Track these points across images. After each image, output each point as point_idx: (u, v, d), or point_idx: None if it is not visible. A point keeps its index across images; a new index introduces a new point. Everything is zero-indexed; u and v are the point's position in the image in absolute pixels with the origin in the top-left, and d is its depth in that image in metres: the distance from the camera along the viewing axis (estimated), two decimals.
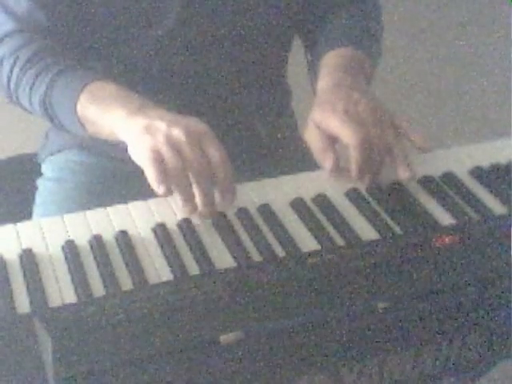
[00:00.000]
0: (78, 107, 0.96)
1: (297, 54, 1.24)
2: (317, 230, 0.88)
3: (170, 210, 0.90)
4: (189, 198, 0.87)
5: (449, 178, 0.98)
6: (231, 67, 1.13)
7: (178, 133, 0.87)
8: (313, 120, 0.97)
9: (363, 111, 0.94)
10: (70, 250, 0.83)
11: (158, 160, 0.86)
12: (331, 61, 1.06)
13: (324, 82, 1.02)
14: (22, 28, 1.02)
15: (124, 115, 0.91)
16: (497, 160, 1.01)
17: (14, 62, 1.02)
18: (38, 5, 1.02)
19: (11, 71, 1.03)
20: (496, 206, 0.94)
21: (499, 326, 0.79)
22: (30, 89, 1.01)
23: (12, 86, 1.03)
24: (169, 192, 0.86)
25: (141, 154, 0.88)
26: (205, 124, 0.90)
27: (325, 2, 1.16)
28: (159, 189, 0.85)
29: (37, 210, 1.14)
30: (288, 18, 1.14)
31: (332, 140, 0.95)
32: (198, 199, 0.87)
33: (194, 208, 0.88)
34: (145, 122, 0.89)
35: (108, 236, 0.86)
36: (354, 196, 0.93)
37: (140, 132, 0.88)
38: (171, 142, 0.86)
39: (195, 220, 0.89)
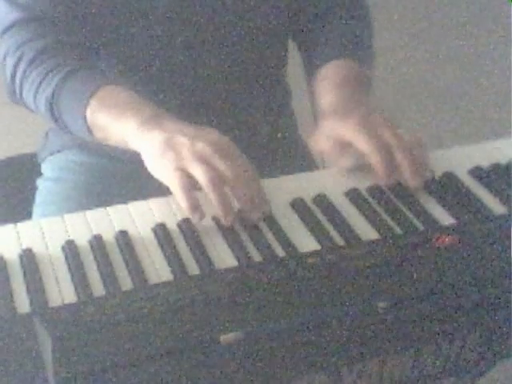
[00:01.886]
0: (88, 113, 0.94)
1: (297, 54, 1.23)
2: (317, 230, 0.88)
3: (169, 210, 0.90)
4: (228, 209, 0.85)
5: (449, 177, 0.98)
6: (231, 67, 1.13)
7: (203, 146, 0.85)
8: (323, 131, 0.96)
9: (375, 121, 0.94)
10: (70, 249, 0.83)
11: (187, 184, 0.85)
12: (331, 74, 1.06)
13: (331, 97, 1.02)
14: (26, 17, 1.01)
15: (136, 125, 0.90)
16: (497, 160, 1.01)
17: (19, 59, 1.00)
18: None
19: (16, 68, 1.01)
20: (496, 206, 0.93)
21: (499, 326, 0.79)
22: (36, 89, 0.99)
23: (17, 83, 1.01)
24: (203, 216, 0.85)
25: (165, 173, 0.87)
26: (226, 136, 0.89)
27: (314, 7, 1.16)
28: (194, 217, 0.85)
29: (37, 209, 1.14)
30: (283, 19, 1.14)
31: (345, 145, 0.95)
32: (237, 206, 0.86)
33: (233, 218, 0.86)
34: (163, 136, 0.87)
35: (108, 236, 0.86)
36: (354, 196, 0.93)
37: (161, 147, 0.87)
38: (198, 157, 0.85)
39: (195, 220, 0.89)
